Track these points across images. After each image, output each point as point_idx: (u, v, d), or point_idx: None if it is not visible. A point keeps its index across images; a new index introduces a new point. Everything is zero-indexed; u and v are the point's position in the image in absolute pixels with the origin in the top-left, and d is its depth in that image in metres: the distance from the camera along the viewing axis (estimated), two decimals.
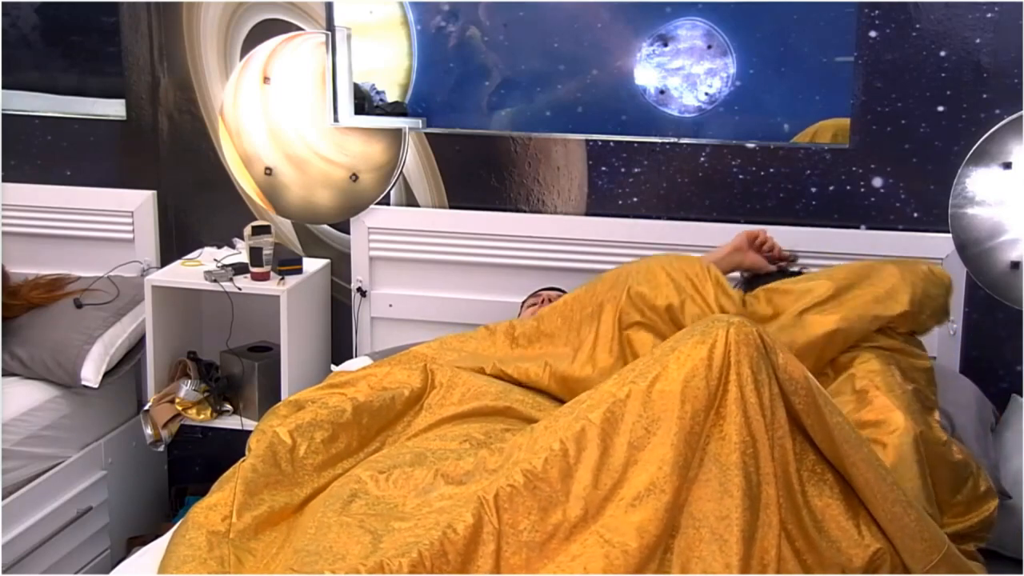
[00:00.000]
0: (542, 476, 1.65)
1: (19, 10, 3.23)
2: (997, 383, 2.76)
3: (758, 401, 1.66)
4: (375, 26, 2.99)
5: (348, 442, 2.05)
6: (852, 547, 1.68)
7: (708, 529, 1.61)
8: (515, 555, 1.61)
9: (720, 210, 2.90)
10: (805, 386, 1.70)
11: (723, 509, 1.61)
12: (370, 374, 2.31)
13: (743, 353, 1.68)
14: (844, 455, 1.68)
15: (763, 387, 1.67)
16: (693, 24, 2.80)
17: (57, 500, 2.81)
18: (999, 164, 2.70)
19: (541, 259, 2.98)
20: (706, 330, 1.72)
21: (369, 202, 3.07)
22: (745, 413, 1.65)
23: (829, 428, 1.69)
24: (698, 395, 1.67)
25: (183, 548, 1.75)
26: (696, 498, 1.64)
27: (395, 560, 1.54)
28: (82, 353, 2.89)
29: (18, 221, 3.25)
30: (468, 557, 1.59)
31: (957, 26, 2.68)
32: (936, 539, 1.71)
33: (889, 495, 1.69)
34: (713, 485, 1.63)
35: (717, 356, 1.68)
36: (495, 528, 1.61)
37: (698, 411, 1.66)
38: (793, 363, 1.72)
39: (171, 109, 3.20)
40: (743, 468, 1.63)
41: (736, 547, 1.58)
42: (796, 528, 1.66)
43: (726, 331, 1.70)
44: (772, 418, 1.67)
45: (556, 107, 2.93)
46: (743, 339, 1.69)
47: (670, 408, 1.66)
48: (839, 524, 1.70)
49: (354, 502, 1.77)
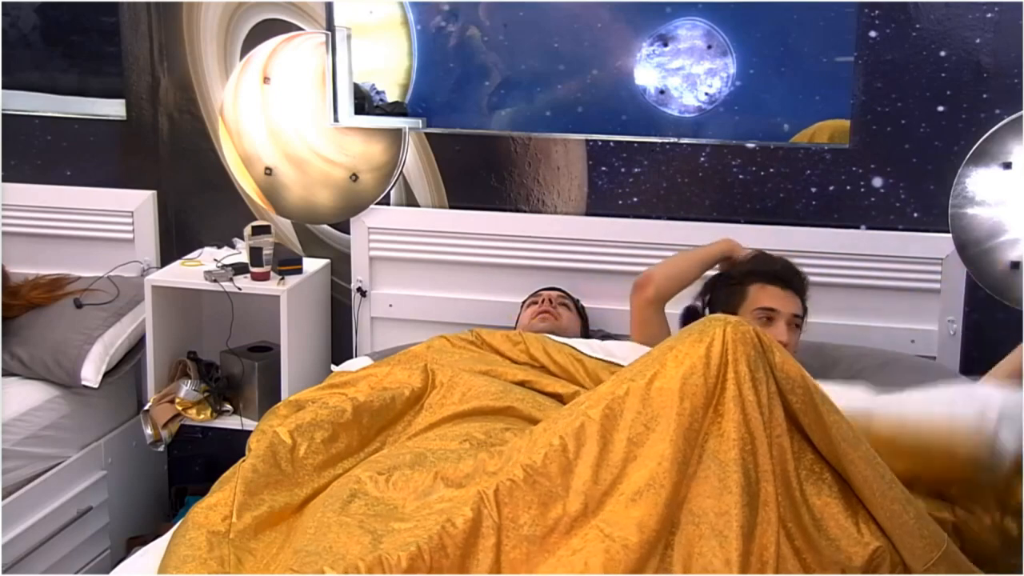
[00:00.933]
0: (542, 471, 1.65)
1: (19, 10, 3.23)
2: None
3: (756, 399, 1.67)
4: (375, 26, 2.99)
5: (348, 442, 2.05)
6: (852, 545, 1.68)
7: (708, 525, 1.61)
8: (515, 548, 1.61)
9: (720, 210, 2.90)
10: (802, 385, 1.70)
11: (722, 505, 1.61)
12: (370, 374, 2.31)
13: (740, 351, 1.68)
14: (842, 453, 1.69)
15: (760, 385, 1.68)
16: (693, 24, 2.80)
17: (57, 500, 2.81)
18: (999, 164, 2.70)
19: (541, 259, 2.98)
20: (704, 329, 1.73)
21: (369, 202, 3.07)
22: (743, 410, 1.66)
23: (827, 426, 1.69)
24: (696, 392, 1.67)
25: (183, 548, 1.75)
26: (696, 495, 1.64)
27: (394, 554, 1.54)
28: (82, 353, 2.89)
29: (18, 221, 3.25)
30: (467, 551, 1.59)
31: (957, 26, 2.68)
32: (936, 536, 1.71)
33: (888, 493, 1.69)
34: (712, 481, 1.64)
35: (715, 354, 1.68)
36: (495, 522, 1.61)
37: (696, 408, 1.67)
38: (790, 362, 1.72)
39: (171, 109, 3.20)
40: (742, 465, 1.63)
41: (736, 543, 1.58)
42: (795, 526, 1.66)
43: (723, 330, 1.70)
44: (770, 416, 1.68)
45: (556, 107, 2.93)
46: (740, 337, 1.69)
47: (669, 405, 1.67)
48: (838, 522, 1.70)
49: (354, 502, 1.76)
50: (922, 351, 2.77)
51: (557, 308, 2.77)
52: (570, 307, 2.83)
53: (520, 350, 2.46)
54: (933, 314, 2.79)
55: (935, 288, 2.77)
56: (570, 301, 2.85)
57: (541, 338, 2.49)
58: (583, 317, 2.86)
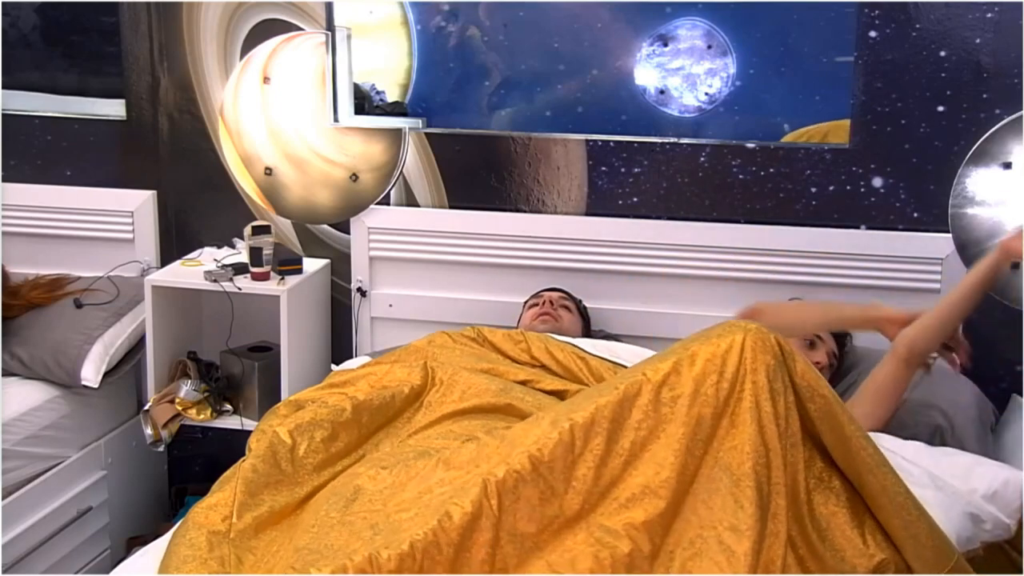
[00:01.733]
0: (547, 463, 1.62)
1: (19, 10, 3.23)
2: (997, 383, 2.75)
3: (773, 411, 1.64)
4: (375, 26, 2.99)
5: (348, 441, 2.05)
6: (856, 556, 1.67)
7: (715, 539, 1.58)
8: (509, 543, 1.59)
9: (720, 210, 2.90)
10: (822, 393, 1.68)
11: (735, 520, 1.58)
12: (370, 372, 2.31)
13: (760, 361, 1.65)
14: (861, 462, 1.67)
15: (779, 396, 1.65)
16: (693, 24, 2.80)
17: (57, 500, 2.81)
18: (999, 164, 2.70)
19: (541, 259, 2.98)
20: (722, 334, 1.70)
21: (369, 202, 3.07)
22: (760, 423, 1.63)
23: (847, 436, 1.67)
24: (707, 401, 1.65)
25: (183, 548, 1.75)
26: (704, 506, 1.61)
27: (383, 552, 1.52)
28: (82, 353, 2.89)
29: (18, 221, 3.25)
30: (463, 545, 1.57)
31: (957, 26, 2.68)
32: (947, 548, 1.70)
33: (905, 502, 1.68)
34: (723, 494, 1.61)
35: (731, 362, 1.65)
36: (495, 516, 1.58)
37: (705, 417, 1.64)
38: (811, 370, 1.70)
39: (171, 109, 3.20)
40: (755, 479, 1.60)
41: (744, 560, 1.55)
42: (800, 536, 1.64)
43: (743, 337, 1.67)
44: (786, 427, 1.65)
45: (556, 107, 2.93)
46: (760, 346, 1.66)
47: (678, 412, 1.64)
48: (844, 533, 1.68)
49: (356, 500, 1.76)
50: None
51: (558, 310, 2.77)
52: (571, 309, 2.83)
53: (522, 349, 2.46)
54: None
55: (935, 288, 2.77)
56: (571, 302, 2.85)
57: (543, 337, 2.49)
58: (585, 318, 2.86)
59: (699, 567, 1.57)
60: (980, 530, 1.85)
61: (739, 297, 2.79)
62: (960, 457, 2.07)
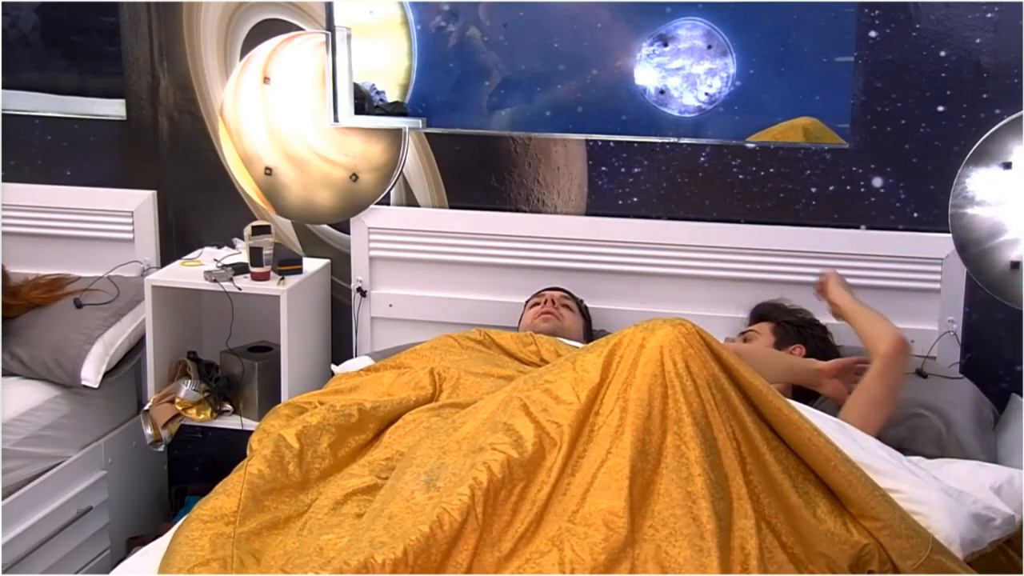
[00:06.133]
0: (527, 464, 1.67)
1: (19, 10, 3.23)
2: (997, 383, 2.76)
3: (706, 396, 1.70)
4: (375, 26, 2.99)
5: (354, 447, 2.05)
6: (839, 543, 1.69)
7: (673, 528, 1.60)
8: (489, 549, 1.62)
9: (720, 210, 2.90)
10: (760, 389, 1.75)
11: (692, 508, 1.61)
12: (376, 379, 2.31)
13: (681, 352, 1.72)
14: (823, 461, 1.73)
15: (703, 386, 1.71)
16: (693, 24, 2.80)
17: (57, 500, 2.81)
18: (999, 164, 2.70)
19: (541, 259, 2.98)
20: (648, 327, 1.77)
21: (369, 202, 3.07)
22: (692, 413, 1.68)
23: (804, 440, 1.74)
24: (642, 398, 1.69)
25: (186, 548, 1.75)
26: (663, 499, 1.63)
27: (378, 555, 1.53)
28: (82, 353, 2.89)
29: (18, 221, 3.25)
30: (448, 552, 1.59)
31: (957, 26, 2.68)
32: (922, 536, 1.73)
33: (873, 493, 1.73)
34: (677, 483, 1.64)
35: (667, 360, 1.71)
36: (478, 523, 1.61)
37: (648, 416, 1.68)
38: (745, 367, 1.76)
39: (171, 109, 3.20)
40: (703, 464, 1.64)
41: (712, 540, 1.58)
42: (783, 521, 1.68)
43: (664, 331, 1.75)
44: (727, 412, 1.71)
45: (556, 107, 2.93)
46: (684, 338, 1.73)
47: (622, 415, 1.69)
48: (827, 523, 1.71)
49: (348, 501, 1.77)
50: (922, 351, 2.77)
51: (559, 309, 2.78)
52: (572, 308, 2.83)
53: (531, 351, 2.46)
54: (933, 314, 2.79)
55: (935, 288, 2.77)
56: (572, 302, 2.86)
57: (553, 340, 2.49)
58: (586, 317, 2.86)
59: (669, 557, 1.58)
60: (988, 529, 1.86)
61: (739, 297, 2.80)
62: (959, 464, 2.10)
